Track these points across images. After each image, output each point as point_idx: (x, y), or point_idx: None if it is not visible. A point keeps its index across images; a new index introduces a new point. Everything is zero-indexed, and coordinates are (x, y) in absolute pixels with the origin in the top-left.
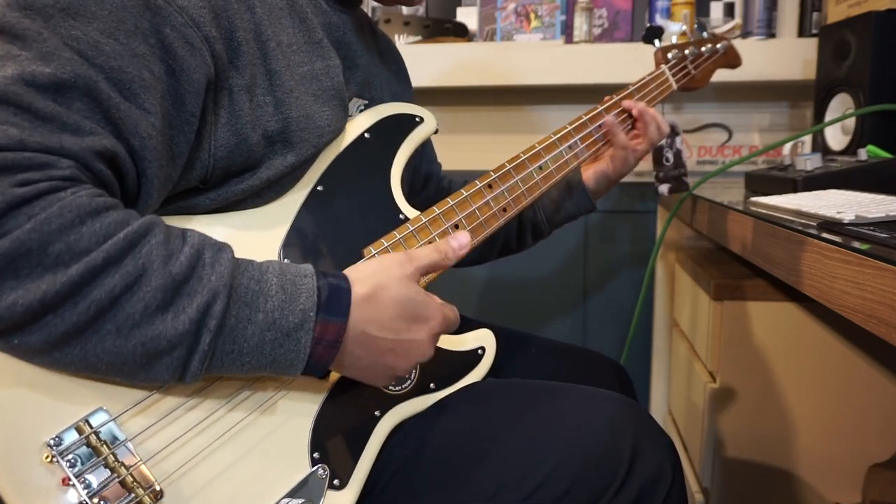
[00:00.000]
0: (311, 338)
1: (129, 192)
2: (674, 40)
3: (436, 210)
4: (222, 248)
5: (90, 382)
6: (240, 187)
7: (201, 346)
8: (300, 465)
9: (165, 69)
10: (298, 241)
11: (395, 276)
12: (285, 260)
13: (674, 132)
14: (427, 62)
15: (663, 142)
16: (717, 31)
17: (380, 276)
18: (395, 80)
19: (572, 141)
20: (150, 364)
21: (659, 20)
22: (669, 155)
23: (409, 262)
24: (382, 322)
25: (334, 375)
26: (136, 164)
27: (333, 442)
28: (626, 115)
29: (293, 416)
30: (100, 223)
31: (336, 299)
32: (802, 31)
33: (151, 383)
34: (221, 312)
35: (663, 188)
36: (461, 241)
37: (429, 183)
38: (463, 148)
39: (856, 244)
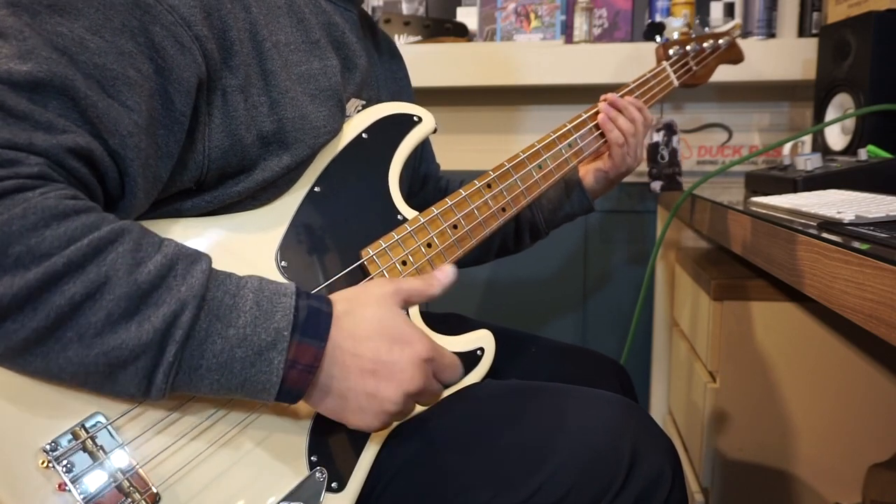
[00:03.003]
0: (284, 359)
1: (111, 191)
2: (675, 37)
3: (434, 210)
4: (198, 259)
5: None
6: (235, 189)
7: (166, 356)
8: (298, 468)
9: (154, 68)
10: (296, 243)
11: (375, 295)
12: (282, 262)
13: (671, 131)
14: (427, 62)
15: (659, 139)
16: (718, 31)
17: (360, 295)
18: (395, 80)
19: (571, 139)
20: (114, 375)
21: (659, 20)
22: (665, 153)
23: (390, 283)
24: (360, 339)
25: None
26: (116, 162)
27: (331, 444)
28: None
29: (291, 418)
30: (65, 227)
31: (314, 321)
32: (802, 31)
33: (119, 396)
34: (189, 323)
35: (656, 185)
36: (445, 272)
37: (427, 183)
38: (463, 148)
39: (856, 244)
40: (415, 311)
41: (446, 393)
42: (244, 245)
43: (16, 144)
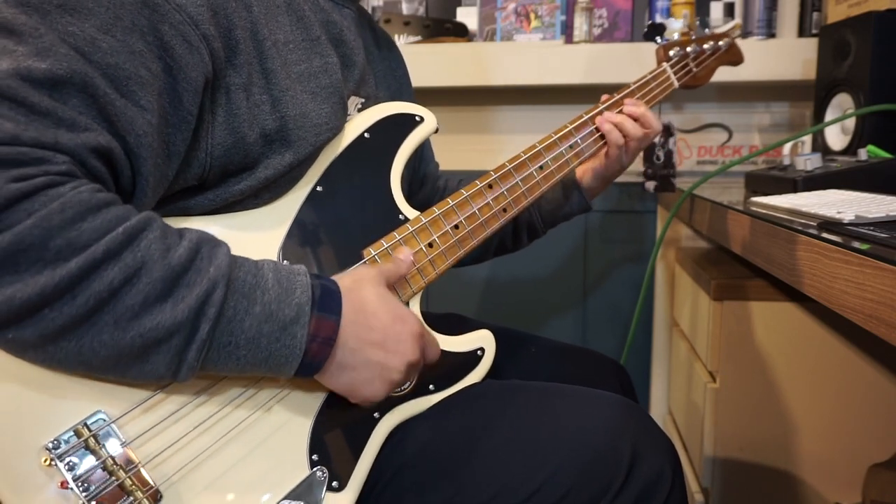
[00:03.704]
0: (306, 332)
1: (123, 189)
2: (675, 38)
3: (436, 210)
4: (219, 243)
5: (88, 384)
6: (238, 187)
7: (200, 334)
8: (299, 467)
9: (163, 67)
10: (298, 242)
11: (367, 277)
12: (284, 261)
13: (668, 133)
14: (427, 62)
15: (656, 140)
16: (717, 31)
17: (354, 276)
18: (394, 78)
19: (573, 140)
20: (147, 356)
21: (659, 20)
22: (661, 154)
23: (372, 268)
24: (368, 312)
25: None
26: (131, 161)
27: (332, 444)
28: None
29: (292, 417)
30: (101, 219)
31: (329, 297)
32: (802, 31)
33: (145, 379)
34: (220, 301)
35: (649, 185)
36: (406, 252)
37: (426, 183)
38: (463, 148)
39: (856, 244)
40: (415, 310)
41: (447, 393)
42: (247, 244)
43: (43, 143)
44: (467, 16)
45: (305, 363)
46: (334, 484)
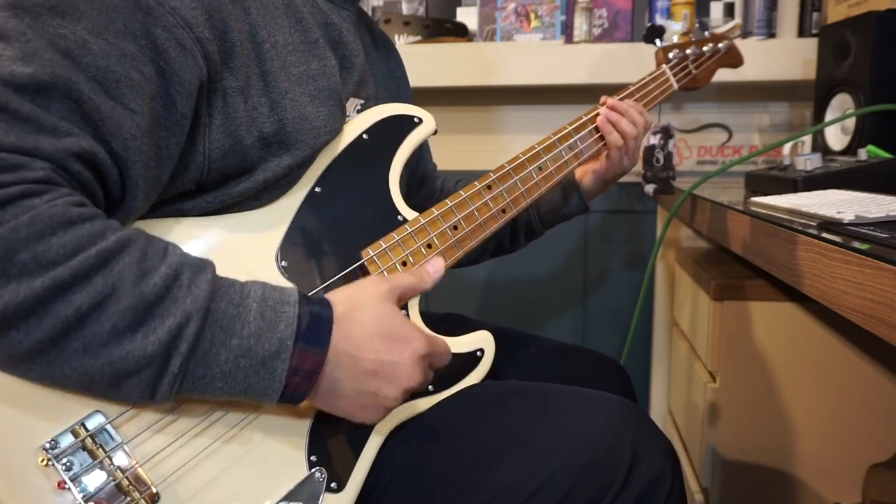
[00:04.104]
0: (287, 367)
1: (112, 194)
2: (675, 40)
3: (434, 211)
4: (202, 268)
5: None
6: (236, 190)
7: (171, 368)
8: (297, 468)
9: (156, 70)
10: (296, 243)
11: (371, 295)
12: (283, 262)
13: (667, 135)
14: (427, 62)
15: (655, 142)
16: (717, 31)
17: (356, 295)
18: (393, 79)
19: (571, 141)
20: (119, 384)
21: (659, 20)
22: (660, 156)
23: (385, 282)
24: (360, 341)
25: None
26: (118, 165)
27: (331, 445)
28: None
29: (290, 418)
30: (71, 235)
31: (317, 328)
32: (802, 31)
33: (122, 402)
34: (194, 335)
35: (649, 188)
36: (436, 266)
37: (424, 184)
38: (462, 148)
39: (856, 244)
40: (415, 311)
41: (446, 394)
42: (245, 245)
43: (21, 148)
44: (467, 16)
45: (287, 395)
46: (333, 485)
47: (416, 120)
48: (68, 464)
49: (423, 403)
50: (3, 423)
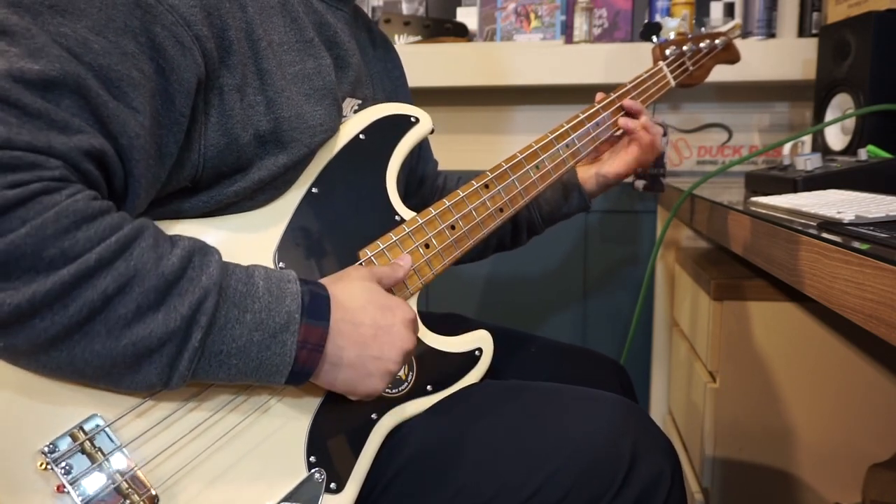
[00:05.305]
0: (296, 340)
1: (116, 191)
2: (672, 37)
3: (432, 211)
4: (210, 251)
5: (84, 389)
6: (232, 189)
7: (191, 342)
8: (297, 469)
9: (155, 68)
10: (294, 244)
11: (355, 276)
12: (280, 263)
13: (662, 133)
14: (427, 62)
15: None
16: (717, 31)
17: (342, 276)
18: (390, 79)
19: (569, 139)
20: (138, 365)
21: (659, 20)
22: None
23: (364, 268)
24: (355, 310)
25: None
26: (123, 163)
27: (330, 445)
28: (622, 112)
29: (289, 419)
30: (94, 228)
31: (317, 304)
32: (802, 31)
33: (136, 390)
34: (212, 310)
35: (639, 183)
36: (406, 259)
37: (424, 182)
38: (462, 148)
39: (856, 244)
40: (414, 311)
41: (445, 394)
42: (242, 246)
43: (36, 147)
44: (467, 16)
45: (295, 371)
46: (332, 486)
47: (412, 119)
48: (67, 467)
49: (422, 403)
50: (1, 428)
